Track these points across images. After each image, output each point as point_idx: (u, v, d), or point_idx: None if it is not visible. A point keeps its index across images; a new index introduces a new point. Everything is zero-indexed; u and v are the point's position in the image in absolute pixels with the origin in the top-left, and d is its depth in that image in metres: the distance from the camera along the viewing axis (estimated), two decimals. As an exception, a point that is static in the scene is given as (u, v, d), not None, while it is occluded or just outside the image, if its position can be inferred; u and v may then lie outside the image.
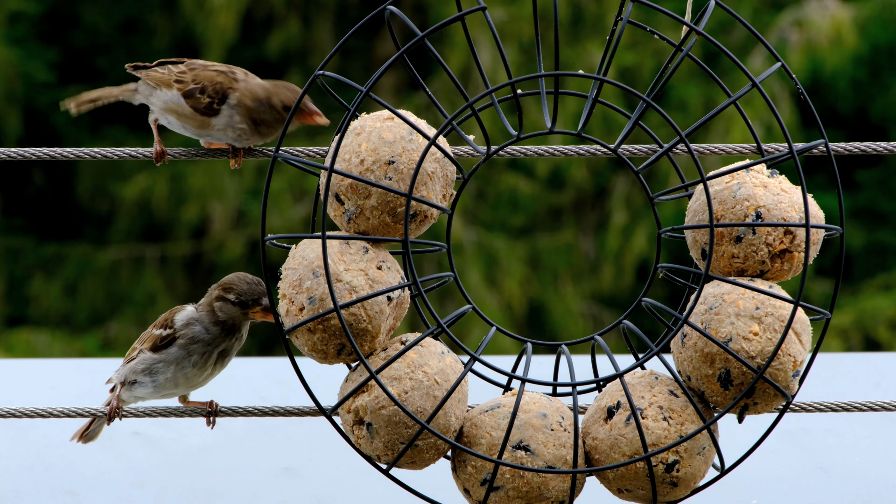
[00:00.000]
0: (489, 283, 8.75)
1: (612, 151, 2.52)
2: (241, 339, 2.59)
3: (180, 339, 2.56)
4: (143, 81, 2.66)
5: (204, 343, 2.56)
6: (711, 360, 2.37)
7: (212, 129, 2.61)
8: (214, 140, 2.65)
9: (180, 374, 2.57)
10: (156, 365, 2.57)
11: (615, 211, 8.97)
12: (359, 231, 2.43)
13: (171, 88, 2.62)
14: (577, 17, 8.88)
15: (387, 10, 2.40)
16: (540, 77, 2.43)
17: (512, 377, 2.48)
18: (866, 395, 2.94)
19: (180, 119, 2.62)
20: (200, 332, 2.56)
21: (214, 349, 2.57)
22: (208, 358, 2.57)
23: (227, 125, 2.60)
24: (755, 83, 2.38)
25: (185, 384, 2.58)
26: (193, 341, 2.56)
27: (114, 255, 9.11)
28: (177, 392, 2.60)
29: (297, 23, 9.06)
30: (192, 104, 2.60)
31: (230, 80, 2.61)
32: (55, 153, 2.62)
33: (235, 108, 2.60)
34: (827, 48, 9.02)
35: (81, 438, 2.66)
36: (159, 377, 2.57)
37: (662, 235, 2.56)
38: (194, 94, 2.60)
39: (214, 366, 2.58)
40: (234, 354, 2.60)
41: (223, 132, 2.61)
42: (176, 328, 2.57)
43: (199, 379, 2.59)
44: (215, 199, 8.93)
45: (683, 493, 2.42)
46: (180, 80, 2.62)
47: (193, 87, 2.60)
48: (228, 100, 2.60)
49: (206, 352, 2.56)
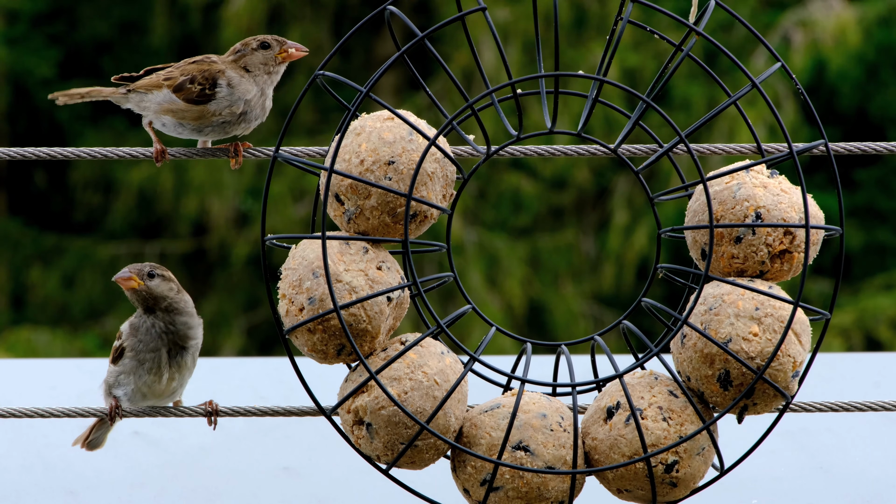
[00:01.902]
0: (490, 284, 8.76)
1: (611, 151, 2.52)
2: (180, 333, 2.57)
3: (129, 350, 2.57)
4: (133, 93, 2.67)
5: (147, 343, 2.56)
6: (711, 360, 2.37)
7: (210, 116, 2.62)
8: (213, 135, 2.64)
9: (141, 384, 2.57)
10: (119, 377, 2.58)
11: (616, 211, 8.97)
12: (359, 231, 2.43)
13: (161, 89, 2.64)
14: (580, 19, 8.89)
15: (387, 10, 2.40)
16: (540, 77, 2.43)
17: (512, 377, 2.48)
18: (866, 395, 2.93)
19: (176, 116, 2.63)
20: (143, 334, 2.56)
21: (158, 349, 2.56)
22: (159, 361, 2.56)
23: (227, 105, 2.61)
24: (755, 83, 2.38)
25: (151, 394, 2.58)
26: (138, 347, 2.56)
27: (113, 251, 9.12)
28: (149, 403, 2.59)
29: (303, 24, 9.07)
30: (184, 96, 2.61)
31: (211, 64, 2.64)
32: (55, 153, 2.62)
33: (229, 86, 2.61)
34: (831, 48, 9.02)
35: (85, 445, 2.65)
36: (126, 388, 2.58)
37: (662, 236, 2.56)
38: (184, 86, 2.62)
39: (171, 368, 2.57)
40: (190, 350, 2.58)
41: (222, 117, 2.61)
42: (123, 338, 2.59)
43: (160, 386, 2.57)
44: (215, 196, 8.93)
45: (683, 493, 2.42)
46: (168, 77, 2.64)
47: (182, 80, 2.62)
48: (218, 82, 2.61)
49: (155, 355, 2.56)
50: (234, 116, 2.62)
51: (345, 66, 8.93)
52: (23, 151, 2.62)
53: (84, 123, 9.18)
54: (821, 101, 8.97)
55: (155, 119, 2.66)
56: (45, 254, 9.13)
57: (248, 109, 2.62)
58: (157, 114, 2.64)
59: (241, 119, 2.63)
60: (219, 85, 2.61)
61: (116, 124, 9.12)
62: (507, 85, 2.39)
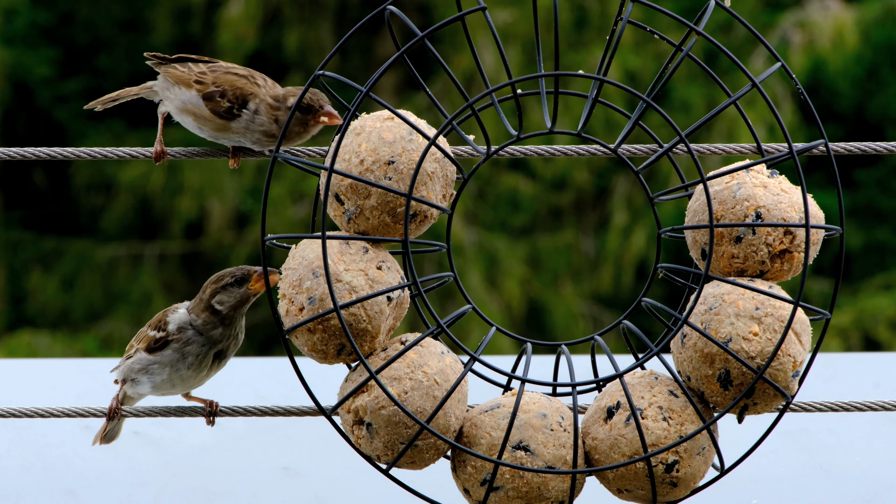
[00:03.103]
0: (489, 284, 8.75)
1: (612, 151, 2.52)
2: (237, 338, 2.58)
3: (174, 343, 2.55)
4: (161, 76, 2.62)
5: (199, 344, 2.55)
6: (711, 360, 2.37)
7: (230, 132, 2.58)
8: (230, 143, 2.62)
9: (176, 376, 2.56)
10: (151, 366, 2.57)
11: (616, 211, 8.97)
12: (359, 231, 2.43)
13: (191, 89, 2.58)
14: (581, 21, 8.88)
15: (387, 10, 2.40)
16: (540, 77, 2.43)
17: (512, 377, 2.48)
18: (866, 395, 2.93)
19: (197, 121, 2.58)
20: (194, 336, 2.55)
21: (210, 350, 2.56)
22: (203, 359, 2.56)
23: (247, 129, 2.57)
24: (755, 83, 2.38)
25: (182, 385, 2.58)
26: (187, 344, 2.55)
27: (112, 252, 9.11)
28: (174, 392, 2.60)
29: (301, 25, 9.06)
30: (211, 107, 2.56)
31: (251, 85, 2.57)
32: (55, 153, 2.62)
33: (255, 113, 2.57)
34: (829, 49, 9.03)
35: (102, 440, 2.65)
36: (156, 378, 2.57)
37: (662, 235, 2.56)
38: (214, 98, 2.56)
39: (210, 367, 2.57)
40: (231, 355, 2.59)
41: (241, 135, 2.58)
42: (169, 331, 2.55)
43: (195, 380, 2.58)
44: (214, 197, 8.93)
45: (683, 493, 2.42)
46: (200, 80, 2.58)
47: (213, 90, 2.56)
48: (248, 104, 2.55)
49: (201, 353, 2.55)
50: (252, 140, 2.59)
51: (345, 66, 8.92)
52: (22, 151, 2.61)
53: (84, 123, 9.17)
54: (818, 101, 8.97)
55: (176, 114, 2.61)
56: (44, 257, 9.12)
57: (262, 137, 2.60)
58: (179, 111, 2.60)
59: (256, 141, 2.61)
60: (247, 108, 2.56)
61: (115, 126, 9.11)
62: (507, 85, 2.39)
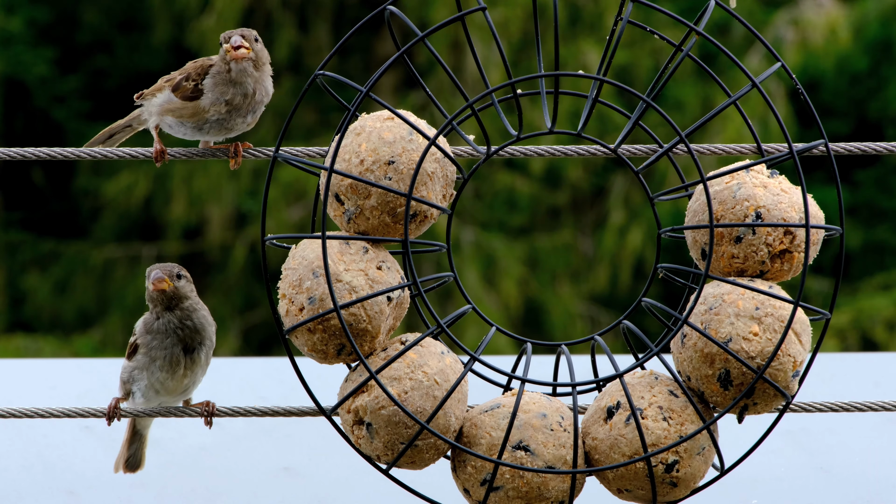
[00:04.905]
0: (487, 284, 8.75)
1: (612, 151, 2.52)
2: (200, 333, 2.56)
3: (142, 347, 2.57)
4: (144, 99, 2.70)
5: (160, 340, 2.56)
6: (711, 360, 2.38)
7: (204, 114, 2.62)
8: (214, 133, 2.65)
9: (154, 381, 2.57)
10: (132, 373, 2.59)
11: (613, 210, 8.97)
12: (359, 231, 2.43)
13: (163, 90, 2.66)
14: (574, 17, 8.88)
15: (387, 10, 2.40)
16: (540, 77, 2.43)
17: (512, 377, 2.48)
18: (866, 395, 2.94)
19: (175, 115, 2.65)
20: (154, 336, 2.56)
21: (174, 346, 2.56)
22: (172, 358, 2.56)
23: (214, 98, 2.61)
24: (755, 83, 2.38)
25: (164, 391, 2.58)
26: (151, 344, 2.57)
27: (109, 254, 9.10)
28: (161, 399, 2.59)
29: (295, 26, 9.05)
30: (180, 95, 2.63)
31: (206, 61, 2.66)
32: (55, 153, 2.62)
33: (216, 77, 2.61)
34: (822, 47, 9.03)
35: (125, 468, 2.66)
36: (141, 384, 2.58)
37: (662, 236, 2.56)
38: (181, 84, 2.64)
39: (185, 367, 2.57)
40: (205, 350, 2.58)
41: (217, 112, 2.62)
42: (137, 335, 2.59)
43: (172, 383, 2.57)
44: (213, 199, 8.92)
45: (683, 493, 2.42)
46: (170, 79, 2.67)
47: (179, 79, 2.65)
48: (208, 74, 2.63)
49: (168, 351, 2.56)
50: (221, 112, 2.62)
51: (344, 66, 8.92)
52: (22, 151, 2.61)
53: (82, 123, 9.17)
54: (812, 99, 8.98)
55: (160, 121, 2.67)
56: (42, 258, 9.11)
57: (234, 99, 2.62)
58: (160, 115, 2.66)
59: (233, 113, 2.63)
60: (208, 75, 2.63)
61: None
62: (508, 84, 2.39)
